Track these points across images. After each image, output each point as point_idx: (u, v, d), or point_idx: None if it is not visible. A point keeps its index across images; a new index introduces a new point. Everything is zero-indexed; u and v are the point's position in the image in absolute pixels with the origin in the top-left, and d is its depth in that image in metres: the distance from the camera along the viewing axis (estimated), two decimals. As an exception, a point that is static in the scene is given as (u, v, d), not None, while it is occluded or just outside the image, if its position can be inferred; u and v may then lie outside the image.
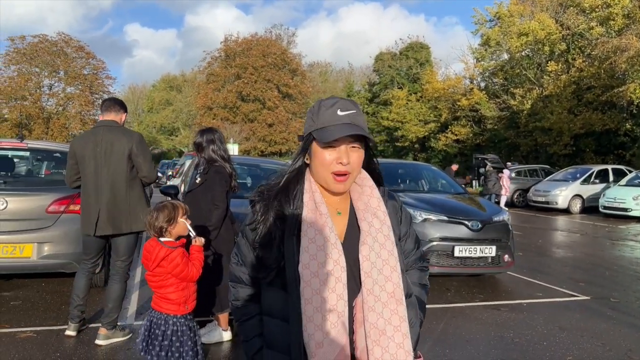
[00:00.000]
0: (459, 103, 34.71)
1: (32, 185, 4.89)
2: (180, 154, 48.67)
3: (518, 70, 31.07)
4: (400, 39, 47.66)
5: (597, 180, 16.70)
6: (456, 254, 5.40)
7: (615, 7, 22.63)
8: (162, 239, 2.63)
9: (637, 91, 15.25)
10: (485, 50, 34.32)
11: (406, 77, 44.67)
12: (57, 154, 5.37)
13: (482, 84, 37.01)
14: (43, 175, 8.00)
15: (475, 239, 5.50)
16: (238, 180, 3.96)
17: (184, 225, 2.65)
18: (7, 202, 4.32)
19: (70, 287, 4.93)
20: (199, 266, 2.68)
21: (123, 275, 3.64)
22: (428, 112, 38.98)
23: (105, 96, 35.19)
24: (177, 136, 50.96)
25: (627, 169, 17.30)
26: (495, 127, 32.96)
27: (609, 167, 17.53)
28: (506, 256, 5.65)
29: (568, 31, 27.74)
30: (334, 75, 56.57)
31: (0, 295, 4.70)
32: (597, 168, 17.33)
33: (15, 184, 4.65)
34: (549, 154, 27.64)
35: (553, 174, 18.53)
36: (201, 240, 2.76)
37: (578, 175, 16.98)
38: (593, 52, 24.76)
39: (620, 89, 16.55)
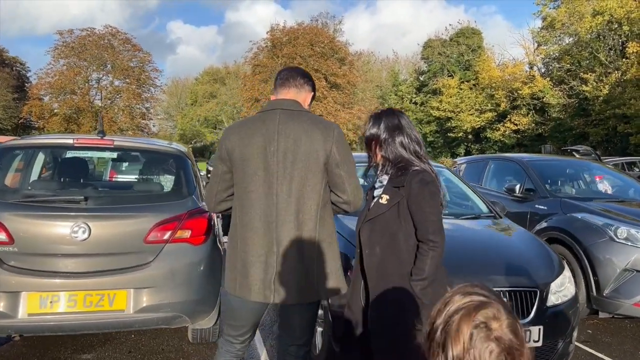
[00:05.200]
0: (519, 91, 32.46)
1: (123, 202, 3.29)
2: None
3: (587, 54, 28.59)
4: (450, 25, 45.66)
5: None
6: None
7: None
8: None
9: None
10: (549, 33, 31.98)
11: (457, 65, 42.56)
12: (155, 154, 3.90)
13: (543, 70, 34.62)
14: (114, 180, 6.43)
15: None
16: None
17: None
18: (89, 228, 2.92)
19: (170, 342, 3.58)
20: None
21: (300, 367, 2.16)
22: (484, 101, 36.76)
23: (152, 90, 34.53)
24: (221, 129, 50.68)
25: None
26: (561, 115, 30.67)
27: None
28: None
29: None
30: (377, 64, 54.71)
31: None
32: None
33: (100, 200, 3.17)
34: (625, 144, 25.15)
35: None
36: None
37: (692, 169, 14.72)
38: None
39: None
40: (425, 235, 2.08)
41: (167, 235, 3.04)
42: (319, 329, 3.17)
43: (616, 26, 26.75)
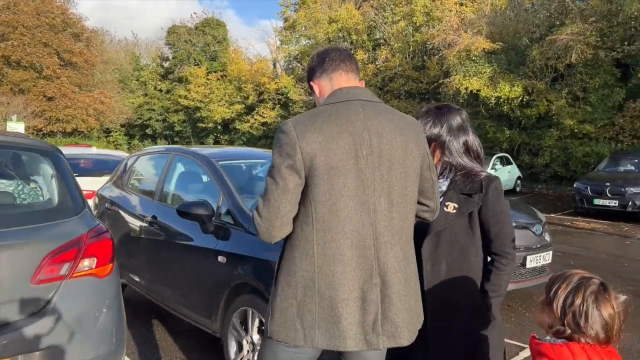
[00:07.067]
0: (266, 86, 34.62)
1: None
2: None
3: (321, 57, 32.40)
4: (195, 13, 45.60)
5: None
6: (528, 264, 4.63)
7: (416, 5, 25.05)
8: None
9: (464, 83, 17.00)
10: (291, 34, 35.01)
11: (203, 54, 42.75)
12: (22, 151, 2.46)
13: (286, 67, 37.62)
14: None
15: (540, 245, 4.84)
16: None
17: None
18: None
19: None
20: None
21: None
22: (234, 93, 37.81)
23: None
24: None
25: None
26: (302, 111, 33.95)
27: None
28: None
29: (365, 23, 30.02)
30: (114, 45, 50.14)
31: None
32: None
33: None
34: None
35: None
36: None
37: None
38: (396, 45, 27.31)
39: (448, 80, 18.30)
40: (503, 249, 1.89)
41: (64, 269, 2.06)
42: None
43: (346, 34, 30.98)
